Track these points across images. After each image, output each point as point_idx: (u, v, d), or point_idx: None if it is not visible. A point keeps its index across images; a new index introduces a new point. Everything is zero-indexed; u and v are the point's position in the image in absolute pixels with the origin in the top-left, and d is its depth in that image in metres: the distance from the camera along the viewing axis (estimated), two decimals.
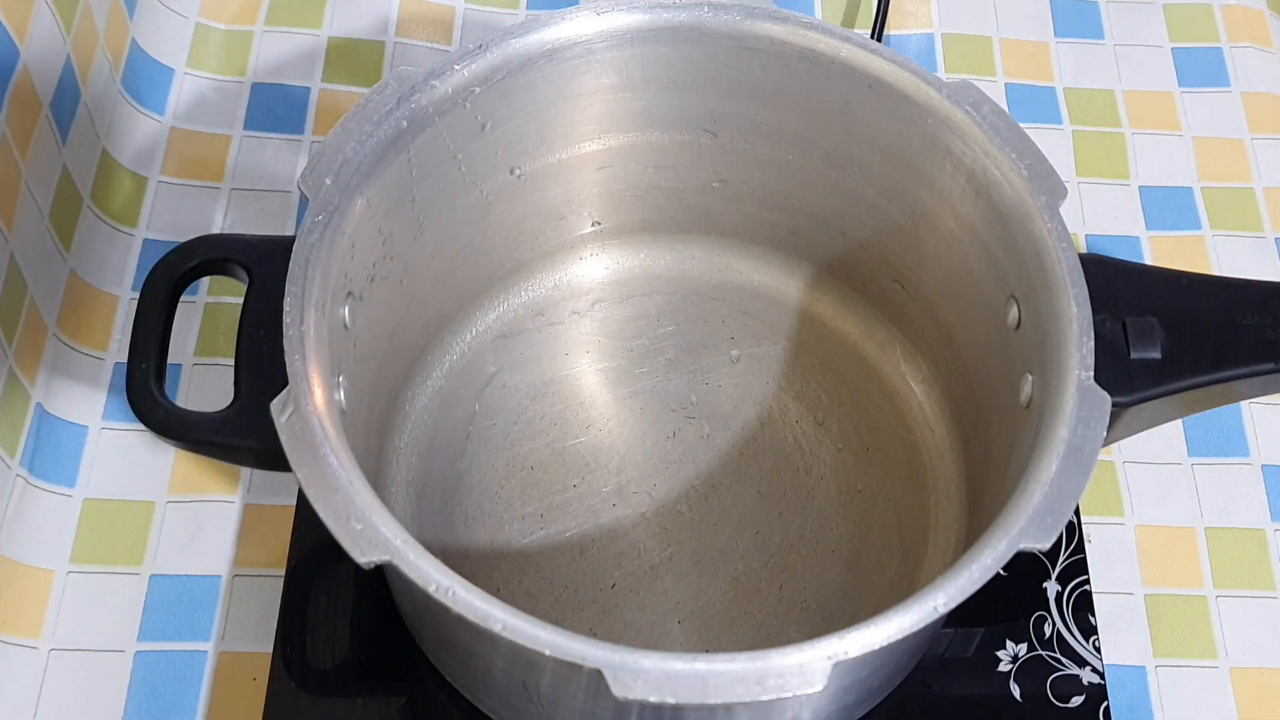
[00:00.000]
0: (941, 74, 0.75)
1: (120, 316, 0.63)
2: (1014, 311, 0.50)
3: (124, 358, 0.48)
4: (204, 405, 0.48)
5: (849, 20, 0.77)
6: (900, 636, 0.41)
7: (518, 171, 0.56)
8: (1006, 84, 0.75)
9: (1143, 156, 0.73)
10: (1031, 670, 0.56)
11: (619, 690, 0.39)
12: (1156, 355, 0.48)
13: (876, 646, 0.41)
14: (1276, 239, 0.70)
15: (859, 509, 0.58)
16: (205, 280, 0.63)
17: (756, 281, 0.63)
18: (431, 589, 0.40)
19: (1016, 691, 0.55)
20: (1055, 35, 0.77)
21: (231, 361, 0.48)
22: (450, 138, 0.52)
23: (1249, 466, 0.63)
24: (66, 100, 0.62)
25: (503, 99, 0.52)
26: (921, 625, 0.41)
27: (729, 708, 0.44)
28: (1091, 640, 0.57)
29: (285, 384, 0.44)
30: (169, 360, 0.49)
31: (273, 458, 0.44)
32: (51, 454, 0.59)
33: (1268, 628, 0.59)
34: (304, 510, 0.58)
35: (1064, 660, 0.56)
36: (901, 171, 0.54)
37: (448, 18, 0.75)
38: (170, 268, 0.49)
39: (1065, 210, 0.49)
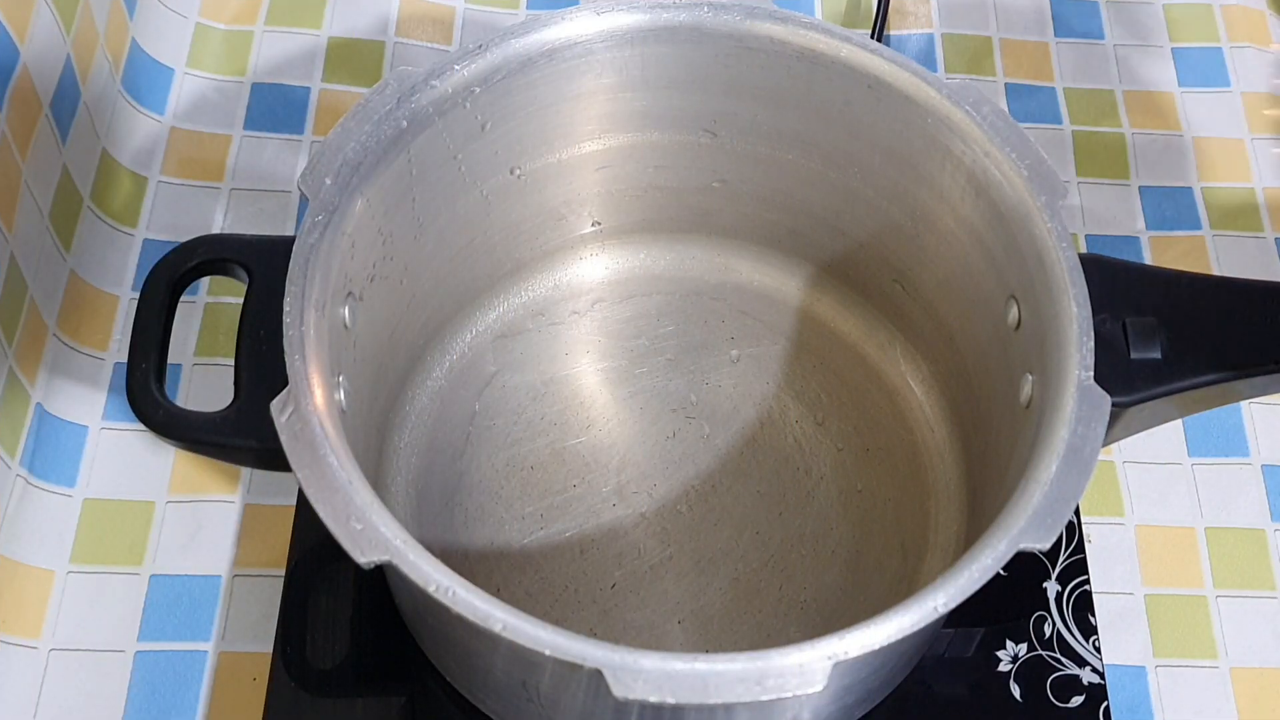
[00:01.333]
0: (941, 74, 0.75)
1: (120, 316, 0.63)
2: (1014, 311, 0.50)
3: (124, 358, 0.48)
4: (204, 405, 0.48)
5: (849, 20, 0.77)
6: (900, 636, 0.41)
7: (518, 171, 0.56)
8: (1006, 84, 0.75)
9: (1143, 156, 0.73)
10: (1031, 670, 0.56)
11: (619, 690, 0.39)
12: (1156, 355, 0.48)
13: (876, 646, 0.41)
14: (1276, 239, 0.70)
15: (859, 509, 0.58)
16: (205, 280, 0.63)
17: (756, 281, 0.63)
18: (431, 589, 0.40)
19: (1016, 691, 0.55)
20: (1055, 35, 0.77)
21: (231, 361, 0.48)
22: (450, 138, 0.52)
23: (1249, 466, 0.63)
24: (66, 100, 0.62)
25: (503, 99, 0.52)
26: (921, 625, 0.41)
27: (729, 708, 0.44)
28: (1091, 640, 0.57)
29: (285, 384, 0.44)
30: (169, 360, 0.49)
31: (273, 458, 0.44)
32: (51, 454, 0.59)
33: (1268, 628, 0.59)
34: (304, 510, 0.58)
35: (1064, 660, 0.56)
36: (901, 171, 0.54)
37: (448, 18, 0.75)
38: (170, 268, 0.49)
39: (1065, 210, 0.49)
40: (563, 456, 0.59)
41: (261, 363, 0.47)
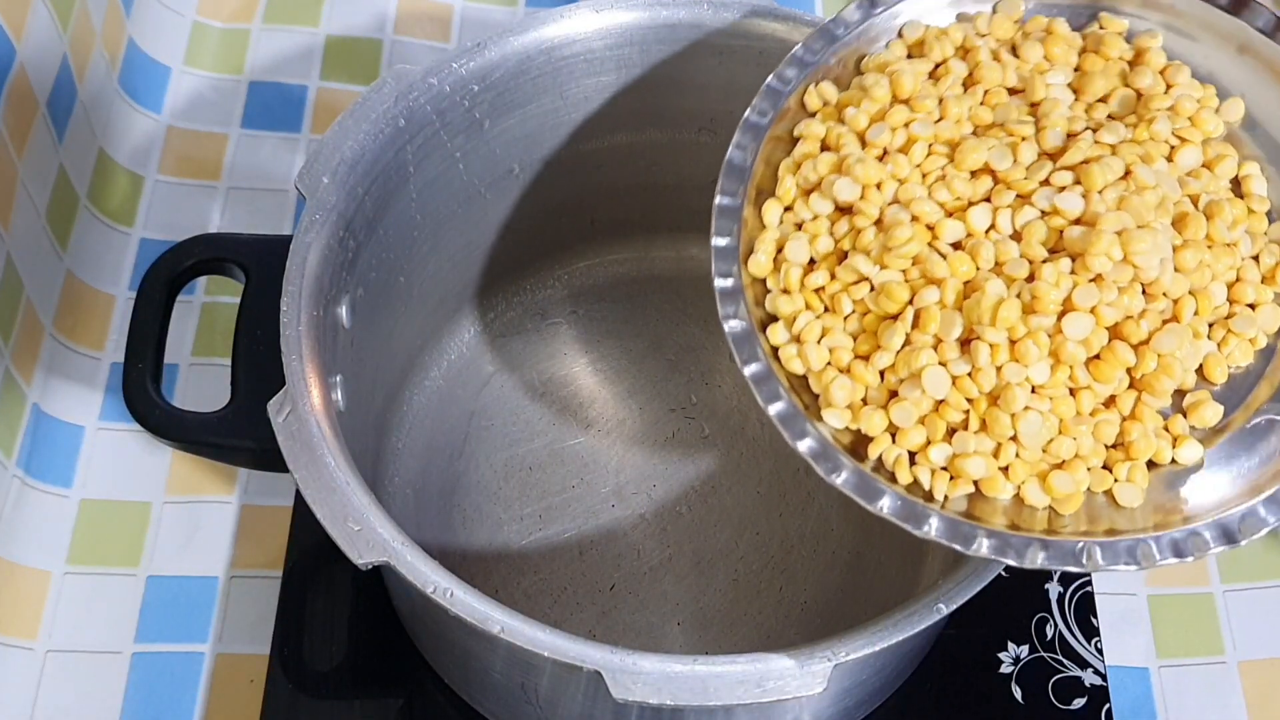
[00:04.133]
0: None
1: (117, 316, 0.63)
2: None
3: (120, 357, 0.48)
4: (201, 405, 0.48)
5: None
6: (901, 638, 0.41)
7: (516, 170, 0.56)
8: None
9: None
10: (1033, 672, 0.55)
11: (618, 692, 0.39)
12: None
13: (877, 648, 0.40)
14: None
15: (860, 509, 0.57)
16: (202, 280, 0.63)
17: None
18: (429, 590, 0.40)
19: (1018, 693, 0.55)
20: None
21: (228, 361, 0.48)
22: (449, 136, 0.52)
23: None
24: (63, 99, 0.62)
25: (501, 97, 0.52)
26: (923, 627, 0.41)
27: (729, 710, 0.43)
28: (1094, 642, 0.56)
29: (282, 384, 0.44)
30: (165, 360, 0.48)
31: (270, 458, 0.44)
32: (48, 454, 0.59)
33: (1279, 618, 0.59)
34: (301, 511, 0.58)
35: (1066, 662, 0.56)
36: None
37: (446, 15, 0.75)
38: (167, 267, 0.49)
39: None
40: (561, 457, 0.59)
41: (258, 363, 0.47)
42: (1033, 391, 0.41)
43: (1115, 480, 0.42)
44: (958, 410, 0.41)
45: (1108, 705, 0.55)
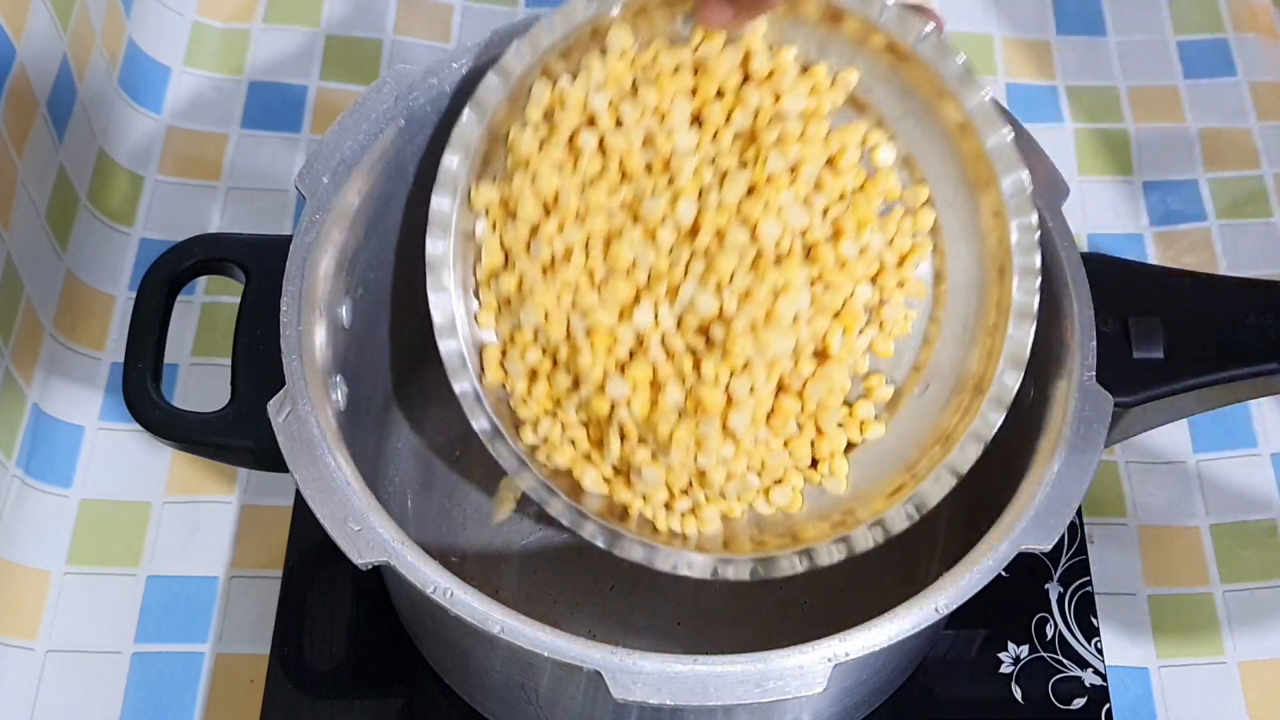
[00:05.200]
0: None
1: (117, 316, 0.63)
2: None
3: (120, 357, 0.48)
4: (201, 405, 0.48)
5: None
6: (901, 638, 0.41)
7: None
8: (1007, 83, 0.74)
9: (1146, 151, 0.72)
10: (1033, 672, 0.55)
11: (618, 692, 0.39)
12: (1159, 355, 0.48)
13: (877, 648, 0.40)
14: None
15: None
16: (202, 280, 0.63)
17: None
18: (429, 590, 0.40)
19: (1018, 693, 0.55)
20: (1057, 33, 0.77)
21: (228, 361, 0.48)
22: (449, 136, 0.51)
23: (1258, 458, 0.62)
24: (63, 99, 0.62)
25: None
26: (922, 626, 0.41)
27: (729, 710, 0.43)
28: (1094, 642, 0.56)
29: (282, 384, 0.44)
30: (165, 360, 0.48)
31: (270, 458, 0.44)
32: (48, 454, 0.59)
33: (1279, 618, 0.59)
34: (301, 511, 0.58)
35: (1066, 662, 0.56)
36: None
37: (446, 15, 0.75)
38: (167, 267, 0.49)
39: (1066, 209, 0.49)
40: None
41: (258, 363, 0.47)
42: (732, 450, 0.47)
43: (821, 477, 0.49)
44: (683, 477, 0.47)
45: (1108, 705, 0.55)
